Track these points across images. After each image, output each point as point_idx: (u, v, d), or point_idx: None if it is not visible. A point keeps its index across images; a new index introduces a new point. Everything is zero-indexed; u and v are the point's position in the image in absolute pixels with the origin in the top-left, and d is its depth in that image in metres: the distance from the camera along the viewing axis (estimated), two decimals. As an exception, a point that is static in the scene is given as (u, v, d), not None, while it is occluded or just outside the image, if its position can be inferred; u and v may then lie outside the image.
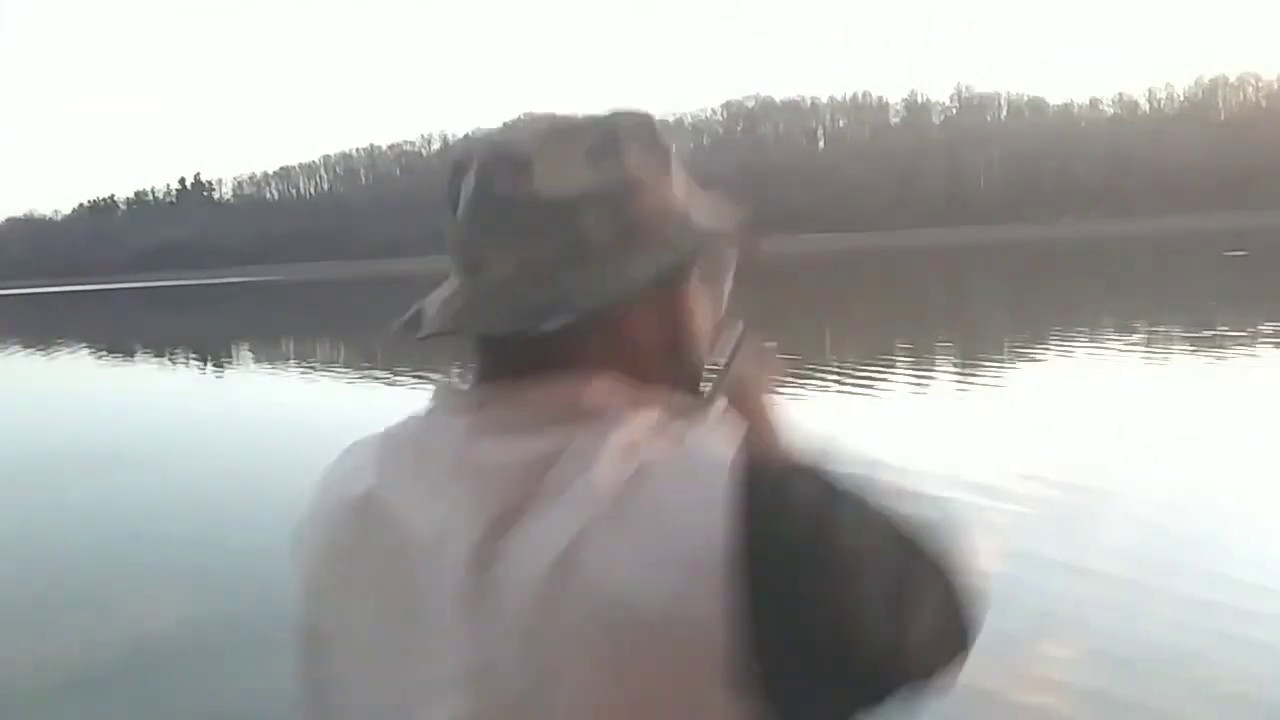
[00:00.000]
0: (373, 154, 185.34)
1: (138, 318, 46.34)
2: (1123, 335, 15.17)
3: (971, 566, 0.69)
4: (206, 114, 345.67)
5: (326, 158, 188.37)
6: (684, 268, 0.77)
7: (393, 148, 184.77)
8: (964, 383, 11.73)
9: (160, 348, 25.61)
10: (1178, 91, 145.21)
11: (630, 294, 0.71)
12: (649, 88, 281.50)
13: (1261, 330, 14.10)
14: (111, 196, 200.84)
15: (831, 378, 12.04)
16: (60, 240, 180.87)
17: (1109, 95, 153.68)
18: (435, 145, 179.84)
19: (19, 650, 4.82)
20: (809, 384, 11.65)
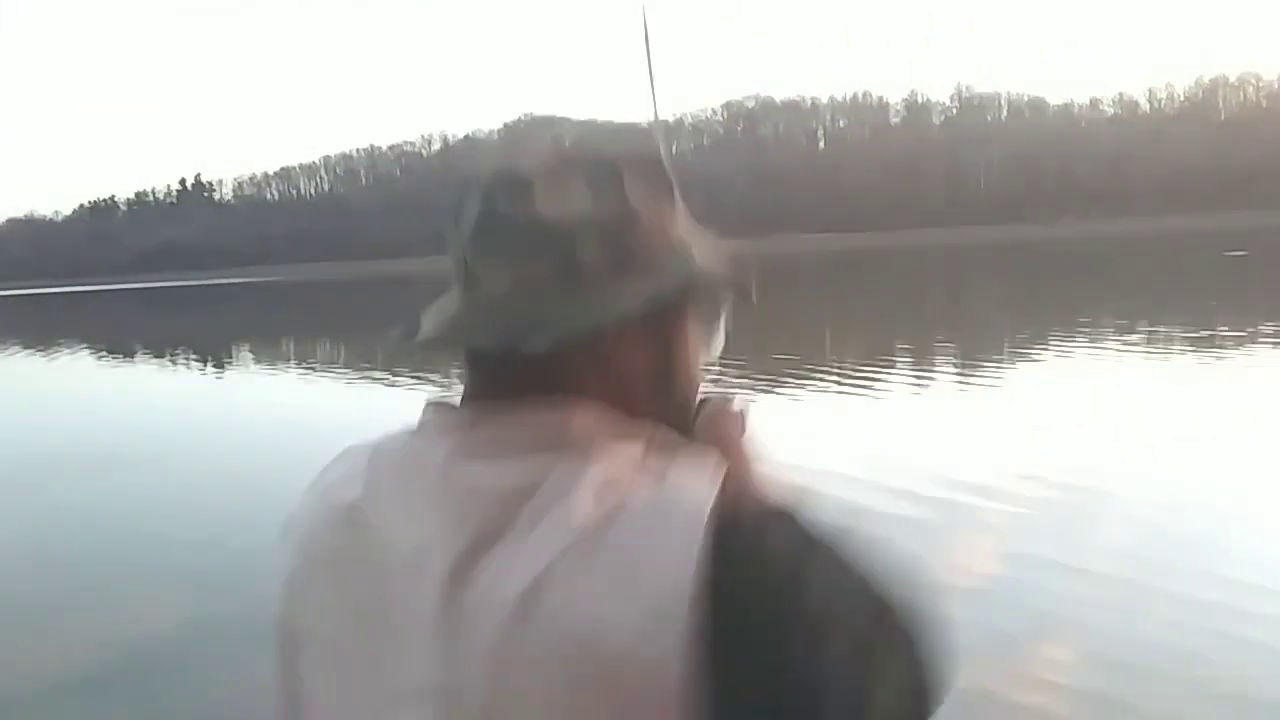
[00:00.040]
0: (373, 155, 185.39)
1: (138, 318, 46.36)
2: (1122, 335, 15.17)
3: (941, 629, 0.69)
4: (206, 114, 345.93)
5: (327, 158, 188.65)
6: (678, 301, 0.77)
7: (393, 148, 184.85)
8: (963, 383, 11.73)
9: (161, 348, 25.61)
10: (1178, 91, 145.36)
11: (620, 320, 0.72)
12: (648, 87, 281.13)
13: (1261, 331, 14.11)
14: (112, 197, 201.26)
15: (831, 378, 12.05)
16: (61, 241, 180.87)
17: (1109, 95, 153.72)
18: (435, 146, 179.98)
19: (20, 650, 4.83)
20: (809, 384, 11.66)
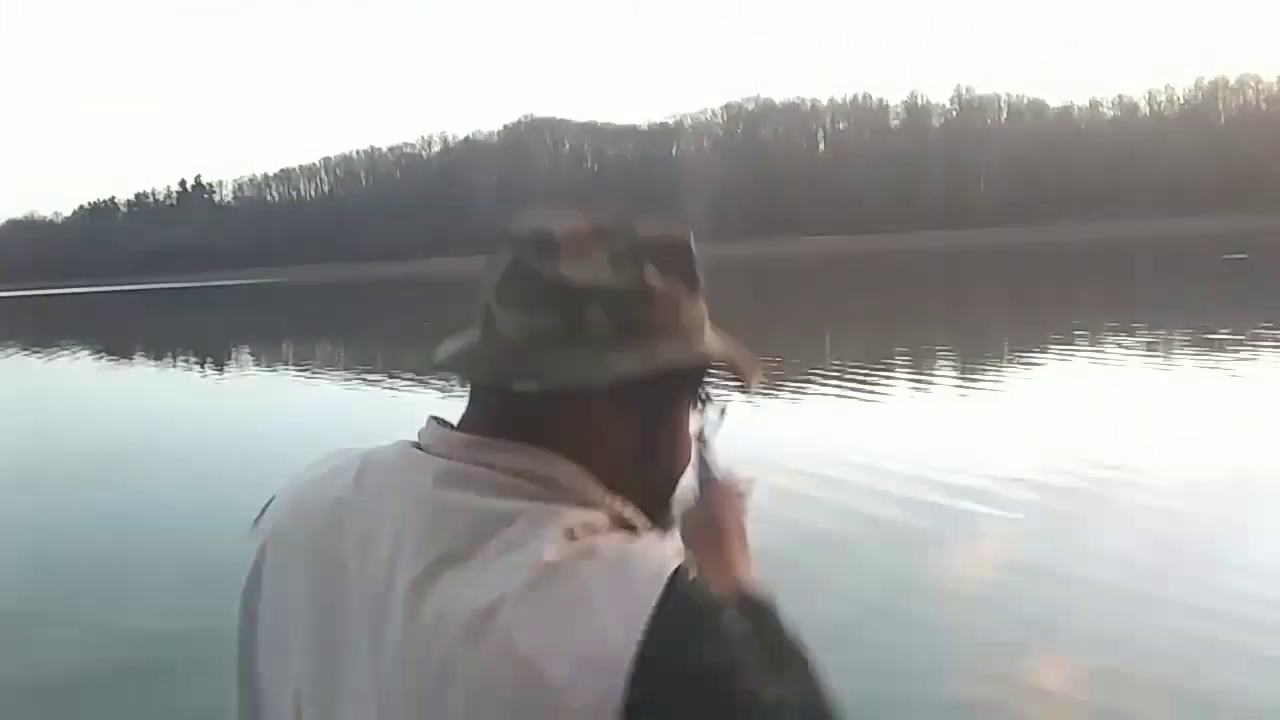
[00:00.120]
0: (373, 156, 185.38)
1: (138, 320, 46.37)
2: (1122, 338, 15.17)
3: None
4: (206, 115, 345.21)
5: (327, 160, 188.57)
6: (673, 383, 0.81)
7: (393, 150, 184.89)
8: (963, 385, 11.71)
9: (160, 350, 25.62)
10: (1178, 94, 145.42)
11: (611, 383, 0.76)
12: (649, 88, 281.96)
13: (1261, 334, 14.10)
14: (112, 199, 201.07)
15: (832, 381, 12.04)
16: (60, 243, 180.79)
17: (1109, 97, 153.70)
18: (435, 147, 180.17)
19: (20, 650, 4.83)
20: (809, 388, 11.65)
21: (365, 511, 0.78)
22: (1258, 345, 13.25)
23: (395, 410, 11.34)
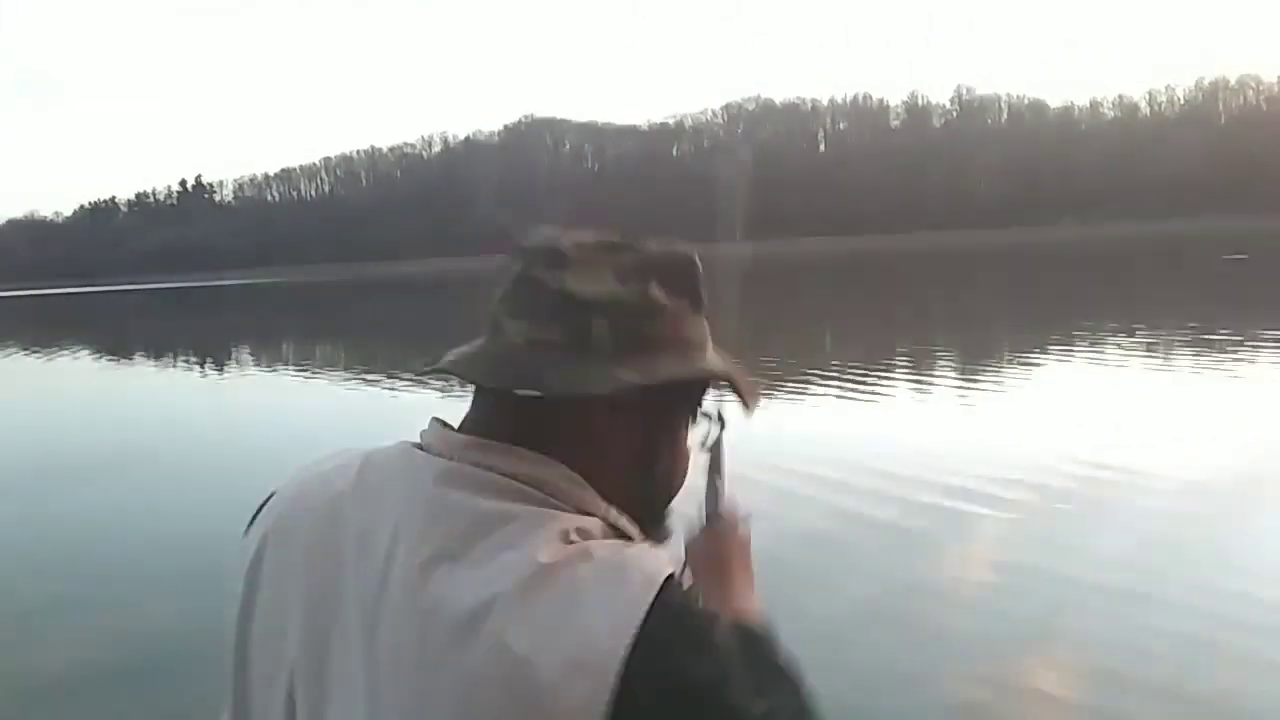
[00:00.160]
0: (373, 156, 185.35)
1: (138, 320, 46.32)
2: (1122, 338, 15.17)
3: None
4: (207, 115, 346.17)
5: (327, 160, 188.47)
6: (673, 398, 0.84)
7: (393, 150, 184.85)
8: (963, 387, 11.70)
9: (161, 350, 25.61)
10: (1178, 94, 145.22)
11: (612, 393, 0.78)
12: (649, 88, 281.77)
13: (1261, 334, 14.09)
14: (113, 198, 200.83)
15: (831, 382, 12.04)
16: (61, 242, 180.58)
17: (1109, 98, 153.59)
18: (436, 147, 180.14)
19: (20, 650, 4.83)
20: (810, 388, 11.65)
21: (365, 508, 0.79)
22: (1258, 345, 13.24)
23: (395, 410, 11.34)
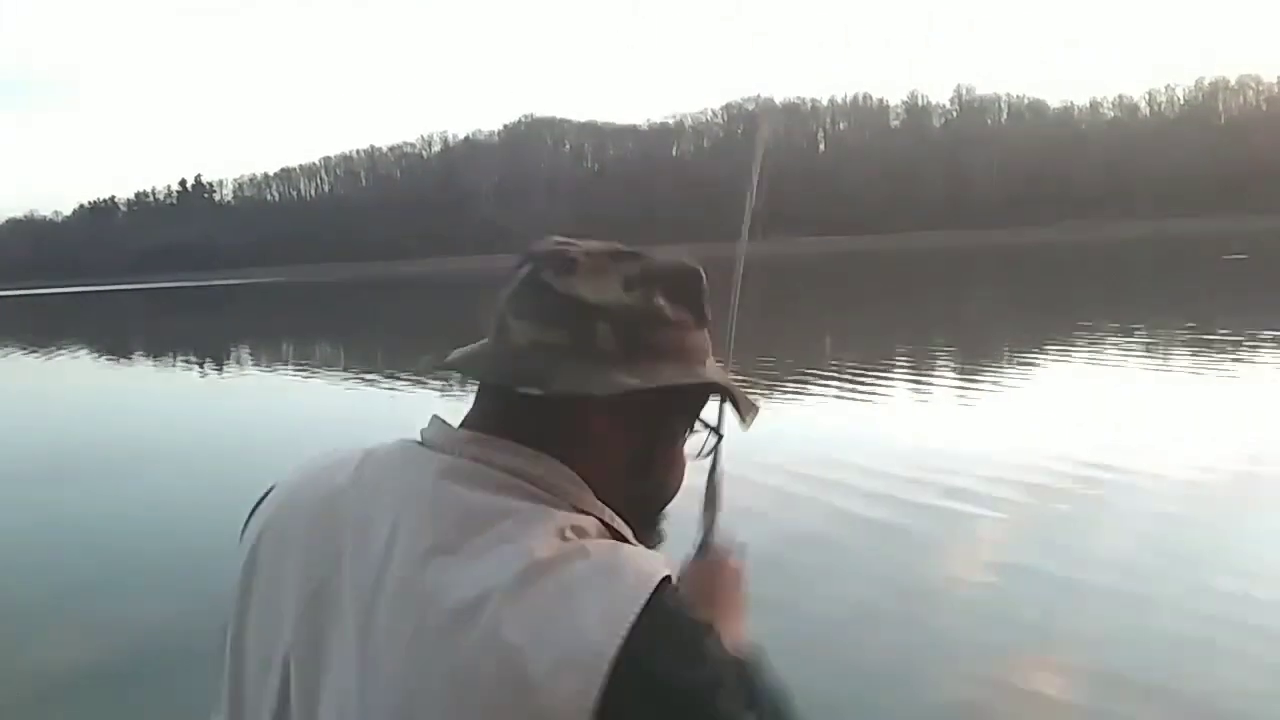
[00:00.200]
0: (373, 155, 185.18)
1: (138, 319, 46.32)
2: (1122, 339, 15.17)
3: None
4: (206, 114, 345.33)
5: (327, 159, 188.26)
6: (671, 405, 0.85)
7: (393, 149, 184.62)
8: (962, 387, 11.70)
9: (160, 349, 25.61)
10: (1178, 94, 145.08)
11: (612, 394, 0.79)
12: (649, 88, 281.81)
13: (1261, 334, 14.09)
14: (112, 198, 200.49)
15: (830, 382, 12.04)
16: (61, 241, 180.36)
17: (1109, 98, 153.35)
18: (436, 147, 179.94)
19: (20, 649, 4.83)
20: (808, 387, 11.65)
21: (364, 501, 0.80)
22: (1257, 345, 13.25)
23: (395, 410, 11.34)
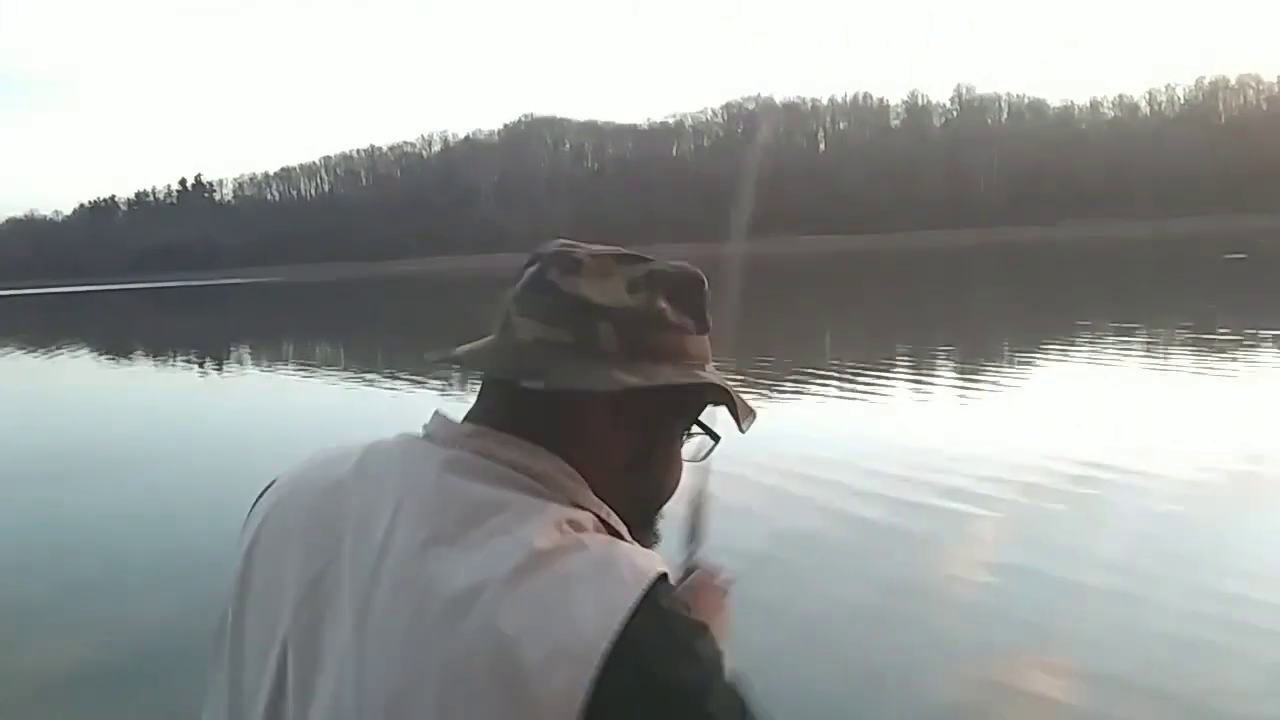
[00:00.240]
0: (373, 155, 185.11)
1: (138, 319, 46.31)
2: (1122, 338, 15.16)
3: None
4: (206, 114, 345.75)
5: (327, 159, 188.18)
6: (669, 406, 0.87)
7: (393, 149, 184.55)
8: (962, 385, 11.70)
9: (160, 349, 25.61)
10: (1178, 94, 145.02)
11: (609, 388, 0.81)
12: (649, 88, 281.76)
13: (1261, 334, 14.09)
14: (112, 197, 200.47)
15: (829, 381, 12.04)
16: (61, 241, 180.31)
17: (1109, 97, 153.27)
18: (436, 146, 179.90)
19: (20, 649, 4.82)
20: (807, 386, 11.65)
21: (365, 492, 0.81)
22: (1258, 345, 13.25)
23: (395, 410, 11.33)
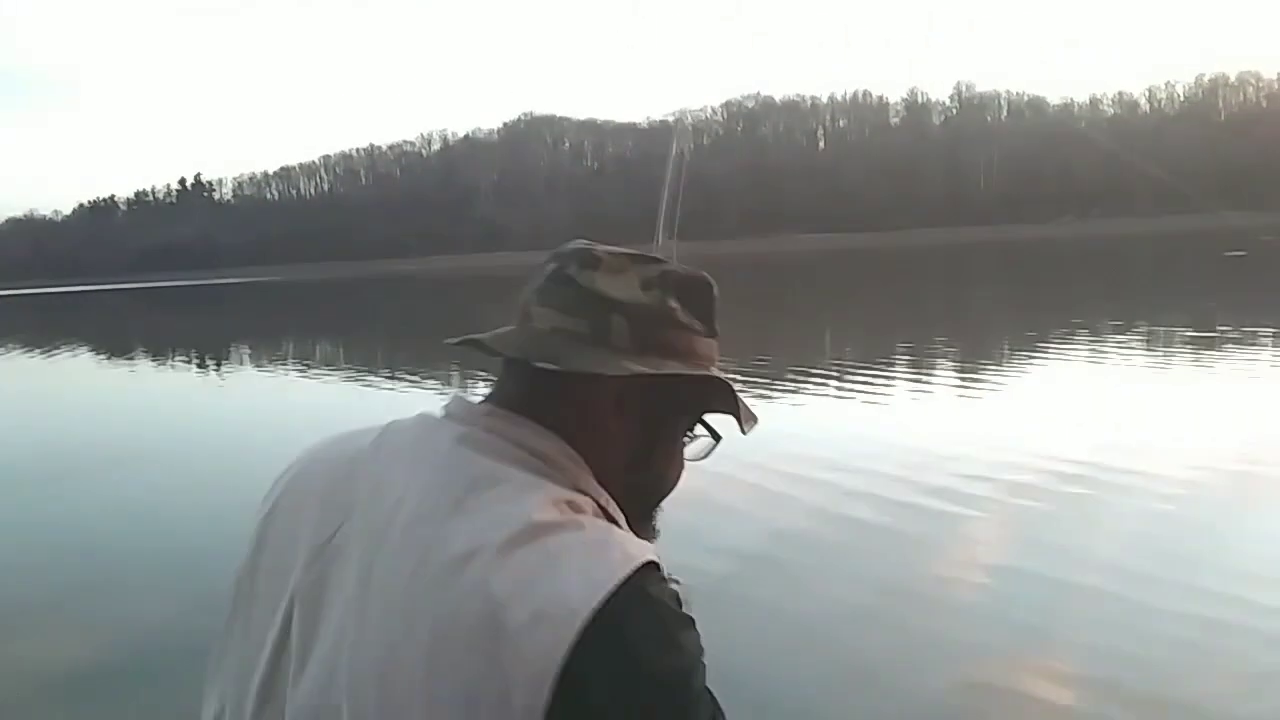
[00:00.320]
0: (373, 154, 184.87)
1: (138, 318, 46.31)
2: (1121, 335, 15.16)
3: None
4: (206, 114, 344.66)
5: (327, 158, 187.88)
6: (673, 401, 0.93)
7: (393, 148, 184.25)
8: (962, 383, 11.70)
9: (160, 348, 25.61)
10: (1178, 91, 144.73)
11: (618, 373, 0.86)
12: (649, 86, 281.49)
13: (1261, 333, 14.09)
14: (112, 197, 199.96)
15: (831, 379, 12.04)
16: (60, 240, 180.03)
17: (1109, 95, 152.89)
18: (435, 145, 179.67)
19: (19, 649, 4.83)
20: (806, 386, 11.65)
21: (382, 461, 0.87)
22: (1257, 344, 13.24)
23: (394, 410, 11.15)
